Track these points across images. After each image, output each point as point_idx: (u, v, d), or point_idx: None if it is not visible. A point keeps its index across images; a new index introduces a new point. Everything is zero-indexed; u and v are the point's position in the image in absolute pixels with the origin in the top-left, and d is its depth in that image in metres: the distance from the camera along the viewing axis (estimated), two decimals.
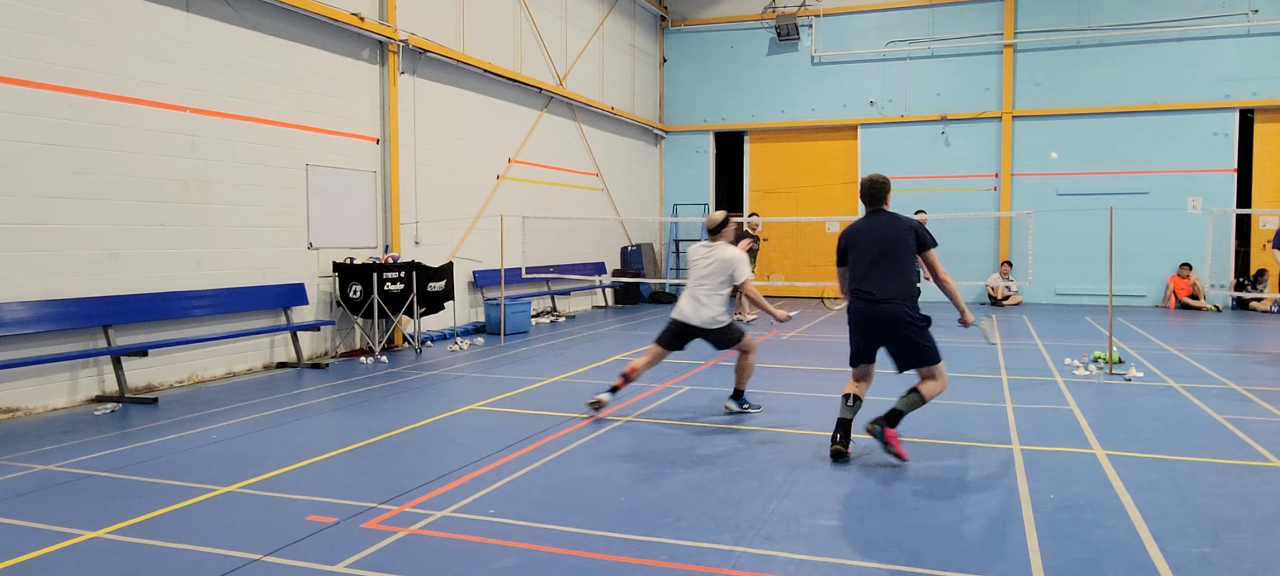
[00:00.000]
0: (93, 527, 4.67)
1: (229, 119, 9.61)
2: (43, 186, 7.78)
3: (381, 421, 7.29)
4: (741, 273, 7.40)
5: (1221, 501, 5.10)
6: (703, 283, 7.41)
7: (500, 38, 14.61)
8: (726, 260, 7.40)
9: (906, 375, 6.26)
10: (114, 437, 6.75)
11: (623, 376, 7.52)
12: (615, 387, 7.51)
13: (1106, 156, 18.22)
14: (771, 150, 20.96)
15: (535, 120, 15.83)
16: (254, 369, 10.05)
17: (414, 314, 11.52)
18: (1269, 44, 17.22)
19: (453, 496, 5.20)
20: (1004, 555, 4.27)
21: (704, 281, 7.41)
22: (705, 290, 7.38)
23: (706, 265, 7.44)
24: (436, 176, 12.99)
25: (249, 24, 9.85)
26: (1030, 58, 18.67)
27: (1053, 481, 5.48)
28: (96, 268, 8.26)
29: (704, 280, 7.41)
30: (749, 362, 7.53)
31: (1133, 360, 10.34)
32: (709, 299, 7.37)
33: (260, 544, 4.40)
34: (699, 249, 7.62)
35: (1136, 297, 18.12)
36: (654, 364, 7.65)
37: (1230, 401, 8.00)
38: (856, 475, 5.68)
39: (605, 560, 4.21)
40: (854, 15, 19.80)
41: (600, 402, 7.42)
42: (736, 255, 7.45)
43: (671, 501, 5.10)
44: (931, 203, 18.98)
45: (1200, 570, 4.08)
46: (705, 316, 7.35)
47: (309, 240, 10.78)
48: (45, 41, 7.77)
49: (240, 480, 5.54)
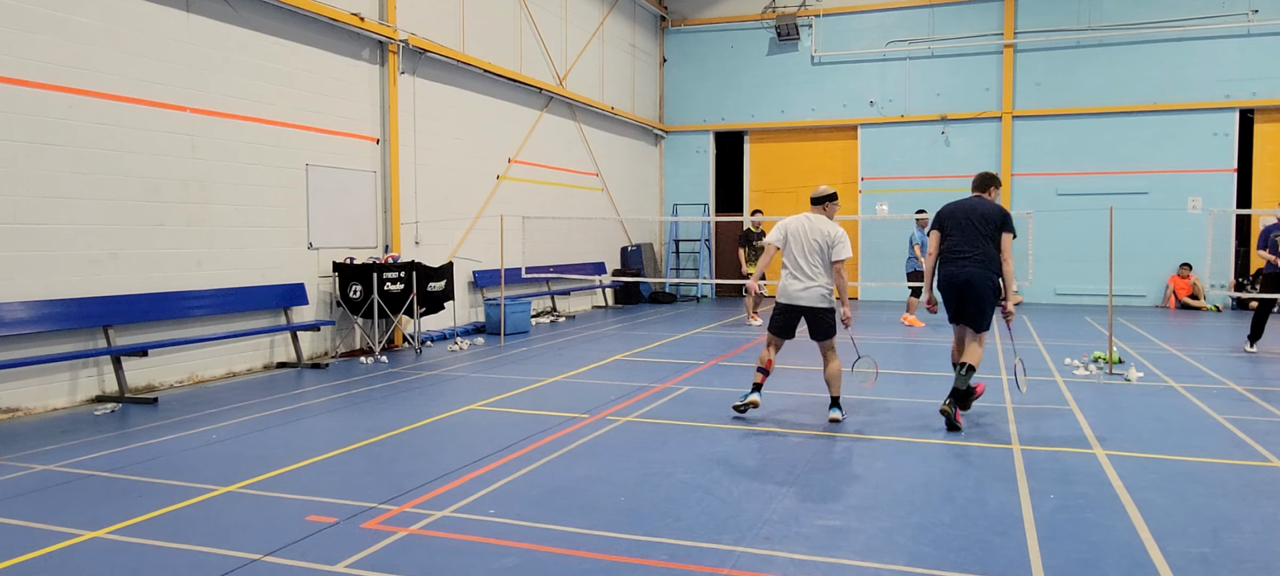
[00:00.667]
0: (93, 527, 4.67)
1: (229, 119, 9.61)
2: (43, 186, 7.78)
3: (381, 421, 7.29)
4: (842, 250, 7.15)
5: (1221, 501, 5.10)
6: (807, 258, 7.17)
7: (500, 38, 14.61)
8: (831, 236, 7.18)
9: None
10: (114, 437, 6.75)
11: (761, 372, 7.38)
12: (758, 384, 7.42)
13: (1106, 156, 18.22)
14: (771, 150, 20.95)
15: (535, 120, 15.83)
16: (254, 369, 10.05)
17: (414, 314, 11.52)
18: (1269, 44, 17.22)
19: (453, 496, 5.20)
20: (1004, 555, 4.27)
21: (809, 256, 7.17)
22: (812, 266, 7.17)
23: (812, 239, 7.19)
24: (436, 176, 12.99)
25: (249, 24, 9.84)
26: (1030, 58, 18.67)
27: (1053, 481, 5.48)
28: (96, 267, 8.26)
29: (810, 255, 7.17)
30: (835, 365, 7.24)
31: (1133, 360, 10.34)
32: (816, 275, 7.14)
33: (260, 544, 4.40)
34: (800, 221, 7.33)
35: (1137, 298, 18.11)
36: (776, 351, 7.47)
37: (1230, 401, 8.00)
38: (856, 475, 5.68)
39: (605, 560, 4.21)
40: (854, 15, 19.79)
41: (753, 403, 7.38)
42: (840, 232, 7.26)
43: (671, 501, 5.10)
44: (932, 203, 18.95)
45: (1200, 570, 4.08)
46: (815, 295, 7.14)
47: (309, 240, 10.78)
48: (45, 41, 7.77)
49: (240, 480, 5.54)
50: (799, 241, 7.15)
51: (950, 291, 7.18)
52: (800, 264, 7.12)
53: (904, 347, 11.93)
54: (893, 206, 19.21)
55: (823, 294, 7.09)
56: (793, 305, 7.19)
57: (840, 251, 7.06)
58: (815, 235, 7.10)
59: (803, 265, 7.11)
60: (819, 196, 7.35)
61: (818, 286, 7.07)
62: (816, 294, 7.08)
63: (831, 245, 7.05)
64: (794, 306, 7.19)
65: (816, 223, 7.17)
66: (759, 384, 7.33)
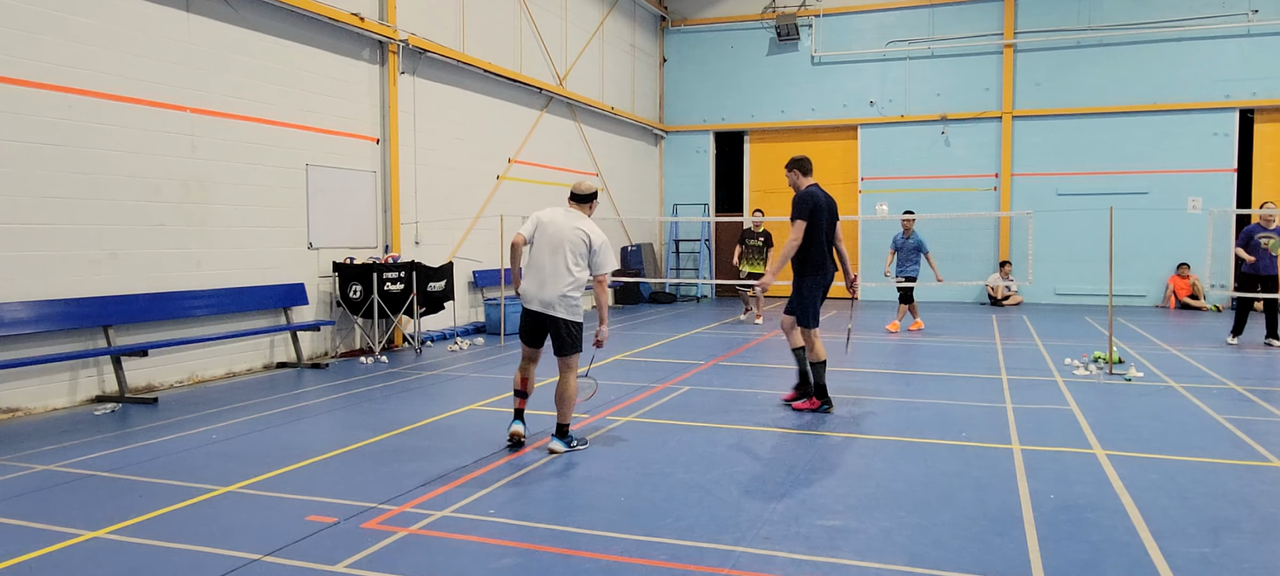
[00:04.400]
0: (93, 527, 4.67)
1: (229, 119, 9.61)
2: (43, 186, 7.78)
3: (381, 421, 7.29)
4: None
5: (1221, 501, 5.10)
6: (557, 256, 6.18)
7: (500, 38, 14.61)
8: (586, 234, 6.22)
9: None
10: (114, 437, 6.75)
11: (519, 395, 6.48)
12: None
13: (1106, 156, 18.22)
14: (771, 150, 20.95)
15: (535, 120, 15.83)
16: (254, 369, 10.05)
17: (414, 314, 11.51)
18: (1269, 44, 17.22)
19: (453, 496, 5.20)
20: (1004, 555, 4.27)
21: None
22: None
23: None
24: (436, 176, 12.99)
25: (249, 24, 9.84)
26: (1030, 58, 18.67)
27: (1053, 481, 5.48)
28: (96, 268, 8.26)
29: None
30: (570, 387, 6.23)
31: (1133, 360, 10.34)
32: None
33: (260, 544, 4.40)
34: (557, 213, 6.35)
35: (1137, 298, 18.11)
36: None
37: (1230, 401, 8.00)
38: (856, 475, 5.68)
39: (605, 560, 4.21)
40: (854, 15, 19.79)
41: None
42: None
43: (671, 501, 5.10)
44: (931, 203, 19.00)
45: (1200, 570, 4.08)
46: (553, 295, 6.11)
47: (309, 240, 10.77)
48: (45, 41, 7.77)
49: (240, 480, 5.54)
50: (550, 238, 6.12)
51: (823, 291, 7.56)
52: (546, 264, 6.09)
53: (904, 347, 11.93)
54: (893, 206, 19.21)
55: (569, 301, 6.11)
56: (535, 312, 6.15)
57: (605, 262, 6.16)
58: (571, 234, 6.11)
59: (547, 266, 6.09)
60: (583, 193, 6.35)
61: (563, 291, 6.06)
62: (560, 299, 6.07)
63: (594, 252, 6.12)
64: (537, 314, 6.16)
65: (576, 220, 6.19)
66: (519, 410, 6.38)
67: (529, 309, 6.18)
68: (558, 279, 6.07)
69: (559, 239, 6.11)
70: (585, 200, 6.36)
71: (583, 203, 6.35)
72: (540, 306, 6.11)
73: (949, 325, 14.62)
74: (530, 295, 6.14)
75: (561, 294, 6.07)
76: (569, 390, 6.20)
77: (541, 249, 6.14)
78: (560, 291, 6.06)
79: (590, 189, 6.39)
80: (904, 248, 13.85)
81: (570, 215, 6.25)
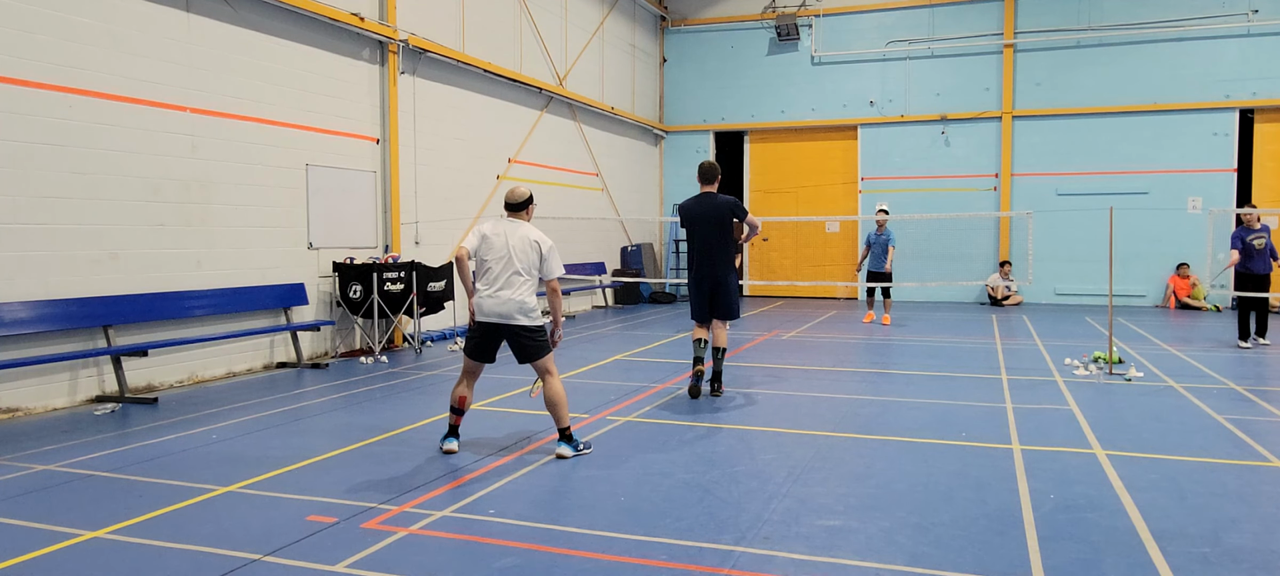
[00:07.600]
0: (93, 527, 4.67)
1: (229, 119, 9.61)
2: (43, 186, 7.78)
3: (381, 421, 7.29)
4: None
5: (1221, 501, 5.10)
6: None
7: (500, 38, 14.61)
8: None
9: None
10: (114, 437, 6.75)
11: (455, 412, 6.34)
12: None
13: (1106, 156, 18.21)
14: (771, 150, 20.95)
15: (535, 120, 15.83)
16: (254, 369, 10.05)
17: (414, 314, 11.52)
18: (1269, 44, 17.21)
19: (453, 496, 5.20)
20: (1004, 555, 4.27)
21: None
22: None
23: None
24: (436, 176, 12.99)
25: (249, 24, 9.84)
26: (1030, 58, 18.66)
27: (1053, 481, 5.48)
28: (96, 268, 8.26)
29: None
30: (556, 389, 6.18)
31: (1133, 360, 10.34)
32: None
33: (260, 544, 4.40)
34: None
35: (1137, 298, 18.11)
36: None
37: (1230, 401, 8.00)
38: (856, 475, 5.68)
39: (605, 560, 4.21)
40: (854, 15, 19.79)
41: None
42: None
43: (671, 501, 5.10)
44: (931, 203, 19.00)
45: (1200, 570, 4.08)
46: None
47: (309, 240, 10.78)
48: (45, 41, 7.77)
49: (240, 480, 5.54)
50: (498, 250, 6.10)
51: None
52: (499, 275, 6.06)
53: (904, 347, 11.93)
54: (893, 207, 19.21)
55: (526, 308, 6.09)
56: (490, 324, 6.09)
57: (555, 267, 6.17)
58: (519, 243, 6.11)
59: (500, 277, 6.06)
60: (518, 201, 6.26)
61: (519, 300, 6.04)
62: (517, 307, 6.04)
63: (543, 258, 6.14)
64: (492, 325, 6.09)
65: (521, 229, 6.18)
66: (455, 426, 6.30)
67: (483, 321, 6.12)
68: (512, 288, 6.06)
69: (507, 249, 6.10)
70: (522, 207, 6.28)
71: (520, 210, 6.28)
72: (497, 318, 6.07)
73: (949, 325, 14.61)
74: (485, 309, 6.08)
75: (519, 303, 6.05)
76: (556, 393, 6.15)
77: (491, 261, 6.11)
78: (517, 300, 6.05)
79: (524, 196, 6.30)
80: (877, 243, 14.13)
81: (514, 224, 6.21)
